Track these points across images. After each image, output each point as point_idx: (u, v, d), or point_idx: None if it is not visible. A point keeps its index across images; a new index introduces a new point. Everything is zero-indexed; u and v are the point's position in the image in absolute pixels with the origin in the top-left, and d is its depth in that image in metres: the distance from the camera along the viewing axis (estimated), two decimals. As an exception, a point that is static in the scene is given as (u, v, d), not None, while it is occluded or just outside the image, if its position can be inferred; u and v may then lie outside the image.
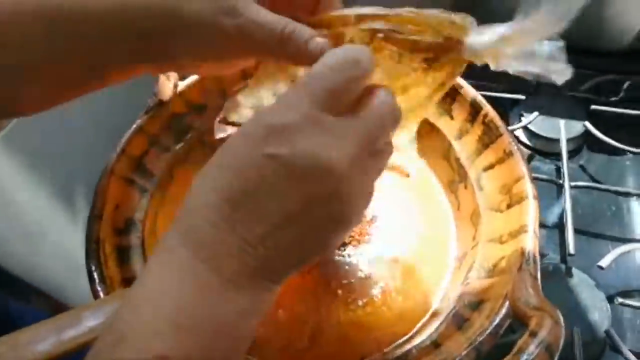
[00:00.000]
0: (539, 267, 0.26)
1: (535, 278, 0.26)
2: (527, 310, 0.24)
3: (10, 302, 0.43)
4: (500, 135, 0.32)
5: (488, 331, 0.24)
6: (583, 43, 0.55)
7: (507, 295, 0.25)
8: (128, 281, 0.29)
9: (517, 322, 0.24)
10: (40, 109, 0.27)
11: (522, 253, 0.27)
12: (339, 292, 0.32)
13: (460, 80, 0.36)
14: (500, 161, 0.32)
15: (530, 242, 0.27)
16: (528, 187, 0.29)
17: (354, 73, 0.20)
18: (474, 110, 0.35)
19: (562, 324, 0.22)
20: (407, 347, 0.28)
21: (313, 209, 0.19)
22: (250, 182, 0.18)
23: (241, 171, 0.19)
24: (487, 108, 0.34)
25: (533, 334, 0.22)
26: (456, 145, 0.36)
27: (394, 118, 0.21)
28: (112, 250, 0.29)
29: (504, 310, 0.25)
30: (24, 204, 0.45)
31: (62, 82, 0.25)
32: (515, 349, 0.21)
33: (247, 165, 0.19)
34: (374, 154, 0.21)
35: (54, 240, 0.46)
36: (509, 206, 0.30)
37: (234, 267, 0.18)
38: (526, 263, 0.26)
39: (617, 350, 0.35)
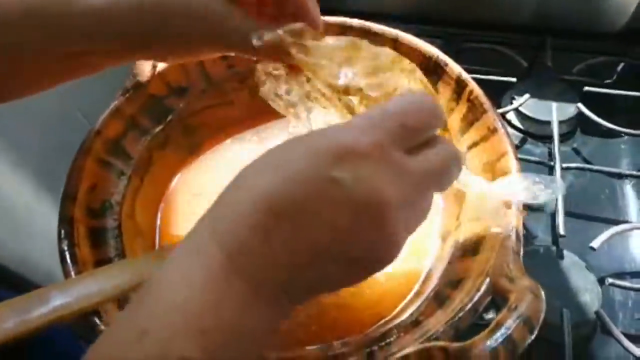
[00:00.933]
0: (522, 243, 0.26)
1: (518, 254, 0.25)
2: (508, 286, 0.23)
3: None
4: (485, 112, 0.32)
5: (467, 307, 0.23)
6: (577, 25, 0.54)
7: (488, 272, 0.24)
8: (101, 263, 0.28)
9: (502, 301, 0.24)
10: (21, 95, 0.28)
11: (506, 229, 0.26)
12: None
13: (446, 58, 0.35)
14: (485, 139, 0.31)
15: (514, 218, 0.26)
16: (512, 163, 0.28)
17: (432, 121, 0.20)
18: (459, 87, 0.34)
19: (543, 298, 0.21)
20: (388, 326, 0.27)
21: (356, 241, 0.18)
22: (304, 200, 0.18)
23: (299, 186, 0.18)
24: (472, 85, 0.33)
25: (512, 309, 0.21)
26: (441, 124, 0.35)
27: (458, 164, 0.21)
28: (86, 232, 0.29)
29: (484, 287, 0.24)
30: (9, 193, 0.44)
31: (50, 68, 0.25)
32: (492, 324, 0.21)
33: (308, 182, 0.18)
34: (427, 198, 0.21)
35: (40, 228, 0.46)
36: (493, 183, 0.30)
37: (267, 281, 0.18)
38: (509, 239, 0.25)
39: (607, 331, 0.34)
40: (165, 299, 0.17)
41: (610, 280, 0.36)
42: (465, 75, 0.33)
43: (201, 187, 0.37)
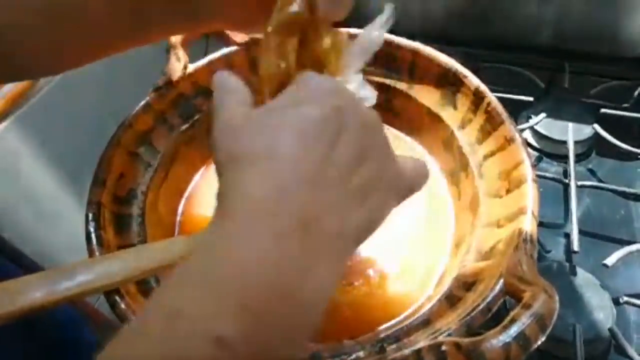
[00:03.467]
0: (536, 248, 0.26)
1: (532, 258, 0.25)
2: (521, 286, 0.23)
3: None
4: (502, 122, 0.32)
5: (480, 307, 0.24)
6: (595, 48, 0.55)
7: (502, 273, 0.25)
8: (124, 247, 0.29)
9: (513, 302, 0.24)
10: (80, 63, 0.27)
11: (520, 233, 0.26)
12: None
13: (465, 71, 0.36)
14: (501, 148, 0.32)
15: (529, 223, 0.27)
16: (527, 171, 0.29)
17: None
18: (477, 99, 0.35)
19: (557, 299, 0.22)
20: (399, 327, 0.27)
21: (388, 160, 0.20)
22: (325, 137, 0.18)
23: (317, 125, 0.18)
24: (490, 96, 0.34)
25: (526, 306, 0.21)
26: (459, 134, 0.36)
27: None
28: (112, 216, 0.30)
29: (497, 288, 0.24)
30: (38, 185, 0.46)
31: (106, 34, 0.25)
32: (507, 320, 0.21)
33: (317, 120, 0.18)
34: None
35: (66, 220, 0.47)
36: (508, 191, 0.30)
37: (325, 230, 0.17)
38: (523, 242, 0.26)
39: (621, 351, 0.33)
40: (199, 276, 0.16)
41: (626, 298, 0.35)
42: (483, 87, 0.34)
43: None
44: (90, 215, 0.28)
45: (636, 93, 0.52)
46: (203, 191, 0.38)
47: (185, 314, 0.15)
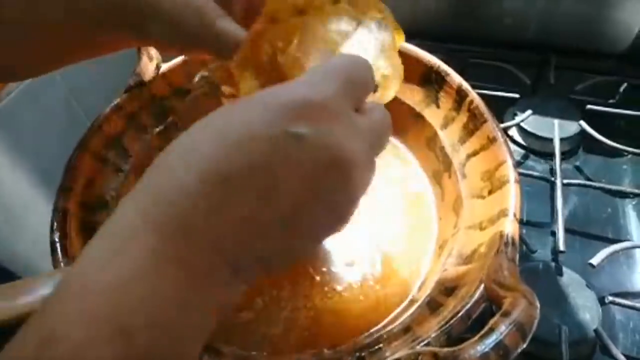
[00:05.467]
0: (517, 250, 0.25)
1: (513, 261, 0.24)
2: (502, 292, 0.22)
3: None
4: (485, 121, 0.32)
5: (460, 314, 0.23)
6: (580, 45, 0.54)
7: (482, 278, 0.24)
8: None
9: (496, 308, 0.23)
10: (32, 74, 0.27)
11: (501, 236, 0.25)
12: (317, 278, 0.31)
13: (447, 69, 0.35)
14: (484, 148, 0.31)
15: (510, 225, 0.26)
16: (510, 172, 0.28)
17: (370, 80, 0.20)
18: (460, 97, 0.34)
19: (537, 305, 0.21)
20: (379, 333, 0.26)
21: (320, 203, 0.16)
22: (260, 162, 0.15)
23: (253, 146, 0.15)
24: (473, 95, 0.33)
25: (505, 314, 0.20)
26: (441, 134, 0.35)
27: (390, 128, 0.21)
28: (79, 225, 0.28)
29: (477, 294, 0.23)
30: (7, 187, 0.45)
31: (60, 45, 0.24)
32: (485, 329, 0.20)
33: (262, 141, 0.15)
34: (376, 155, 0.20)
35: (36, 225, 0.46)
36: (490, 192, 0.29)
37: (213, 263, 0.15)
38: (504, 246, 0.25)
39: (607, 352, 0.33)
40: (79, 294, 0.14)
41: (611, 298, 0.35)
42: (466, 86, 0.34)
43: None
44: (56, 224, 0.27)
45: (622, 89, 0.52)
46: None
47: (59, 337, 0.13)
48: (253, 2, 0.24)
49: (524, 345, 0.20)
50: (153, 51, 0.34)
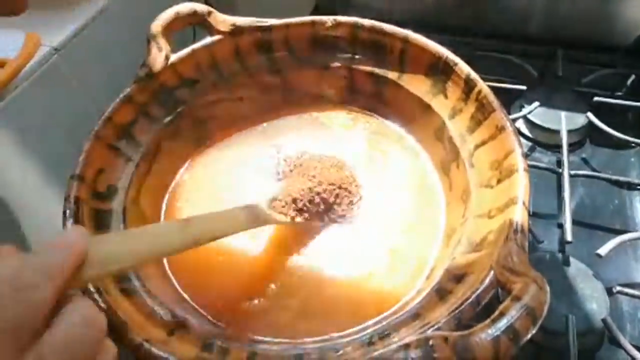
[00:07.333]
0: (527, 238, 0.25)
1: (523, 248, 0.24)
2: (512, 278, 0.22)
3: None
4: (493, 110, 0.32)
5: (470, 300, 0.23)
6: (587, 37, 0.54)
7: (492, 265, 0.24)
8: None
9: (505, 294, 0.23)
10: None
11: (511, 224, 0.25)
12: (326, 267, 0.32)
13: (455, 58, 0.35)
14: (493, 137, 0.31)
15: (519, 213, 0.26)
16: (519, 160, 0.28)
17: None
18: (468, 87, 0.34)
19: (547, 290, 0.21)
20: (388, 320, 0.26)
21: None
22: None
23: None
24: (481, 84, 0.33)
25: (516, 299, 0.21)
26: (449, 124, 0.35)
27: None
28: (91, 213, 0.29)
29: (487, 280, 0.23)
30: (16, 182, 0.45)
31: None
32: (495, 313, 0.20)
33: None
34: None
35: (45, 217, 0.46)
36: (499, 181, 0.29)
37: None
38: (514, 233, 0.25)
39: (615, 342, 0.33)
40: None
41: (619, 288, 0.35)
42: (474, 75, 0.34)
43: (207, 180, 0.37)
44: (68, 211, 0.27)
45: (629, 81, 0.51)
46: (188, 185, 0.37)
47: None
48: None
49: (535, 330, 0.20)
50: (162, 42, 0.34)
